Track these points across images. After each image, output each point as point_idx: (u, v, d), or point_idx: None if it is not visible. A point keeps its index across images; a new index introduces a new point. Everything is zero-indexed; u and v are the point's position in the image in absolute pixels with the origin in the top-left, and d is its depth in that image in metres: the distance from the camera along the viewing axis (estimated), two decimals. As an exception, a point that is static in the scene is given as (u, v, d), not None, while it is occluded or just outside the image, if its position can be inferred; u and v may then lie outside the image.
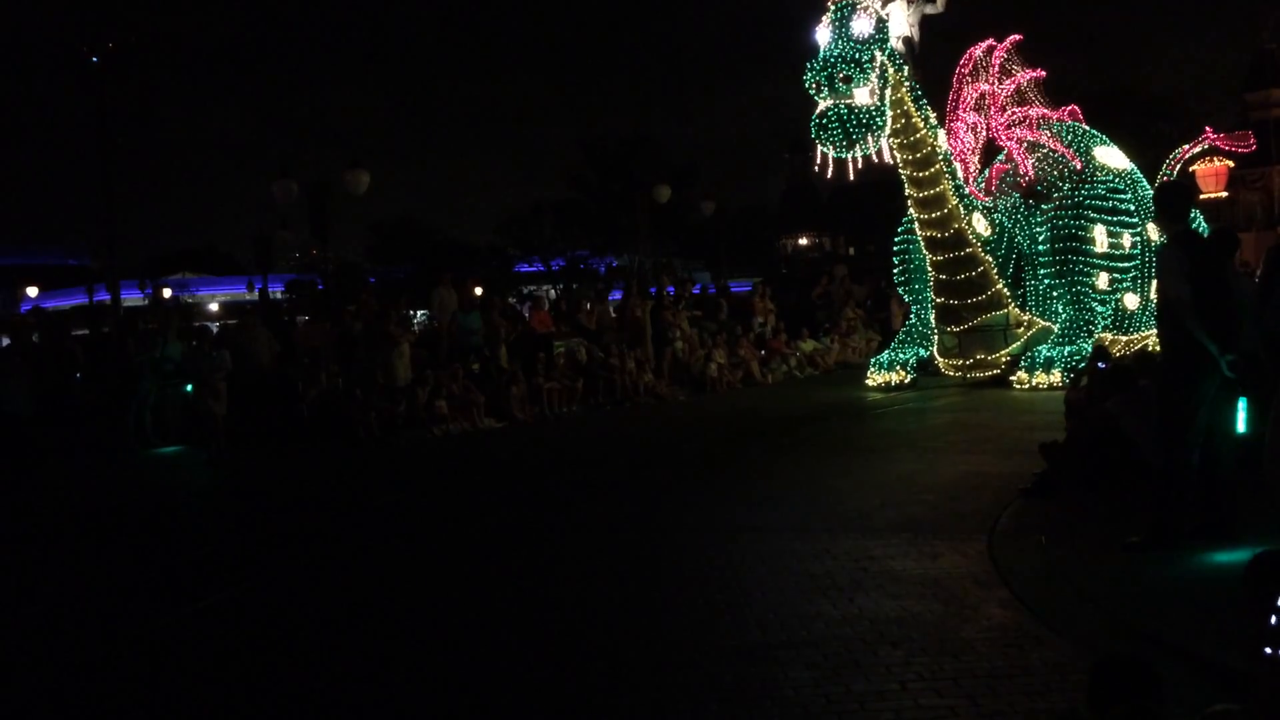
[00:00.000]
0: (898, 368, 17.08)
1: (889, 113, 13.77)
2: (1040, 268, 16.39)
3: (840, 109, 13.25)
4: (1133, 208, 16.84)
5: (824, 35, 13.80)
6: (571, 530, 8.71)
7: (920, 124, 14.67)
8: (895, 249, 17.54)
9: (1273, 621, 3.66)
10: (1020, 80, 16.59)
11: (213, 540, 9.33)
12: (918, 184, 15.12)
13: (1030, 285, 16.60)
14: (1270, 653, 3.38)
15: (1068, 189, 16.47)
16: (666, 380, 18.71)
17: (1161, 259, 6.84)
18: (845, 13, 13.68)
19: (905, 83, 14.35)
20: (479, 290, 22.63)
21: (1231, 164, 28.40)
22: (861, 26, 13.60)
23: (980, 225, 15.70)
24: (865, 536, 7.56)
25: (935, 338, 16.95)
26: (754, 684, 4.99)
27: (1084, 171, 16.64)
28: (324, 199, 23.78)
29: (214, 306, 45.61)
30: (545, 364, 17.00)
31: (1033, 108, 16.76)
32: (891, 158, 14.51)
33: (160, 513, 10.97)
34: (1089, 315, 16.12)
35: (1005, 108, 16.48)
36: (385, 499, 11.03)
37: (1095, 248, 16.17)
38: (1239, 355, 6.33)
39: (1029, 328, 16.52)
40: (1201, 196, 31.39)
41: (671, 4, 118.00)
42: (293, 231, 36.48)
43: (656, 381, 18.41)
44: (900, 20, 14.48)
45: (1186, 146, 18.70)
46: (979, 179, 16.68)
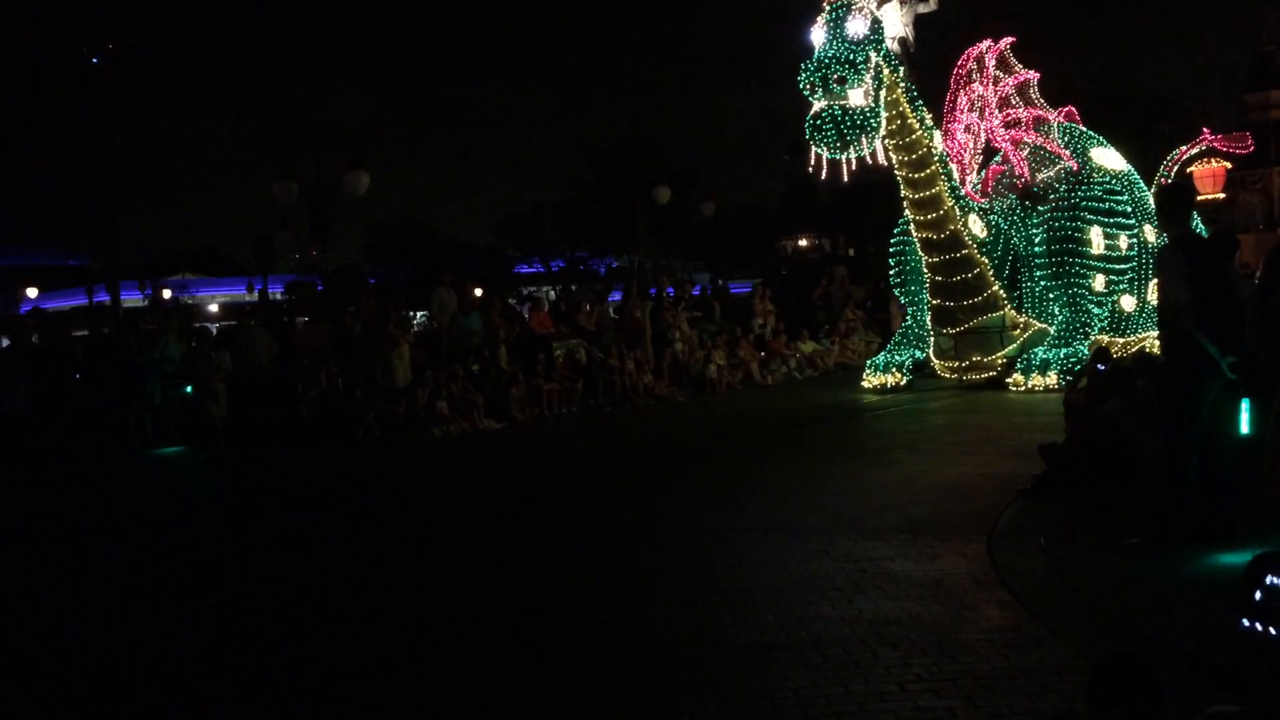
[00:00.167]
0: (893, 370, 17.03)
1: (884, 114, 13.72)
2: (1036, 269, 16.33)
3: (835, 110, 13.19)
4: (1129, 209, 16.77)
5: (818, 36, 13.73)
6: (571, 531, 8.71)
7: (916, 125, 14.61)
8: (891, 250, 17.46)
9: (1257, 597, 3.67)
10: (1015, 82, 16.54)
11: (212, 541, 9.32)
12: (913, 185, 15.07)
13: (1026, 287, 16.53)
14: (1246, 625, 3.40)
15: (1064, 190, 16.39)
16: (666, 381, 18.71)
17: (1161, 261, 6.84)
18: (840, 13, 13.62)
19: (900, 84, 14.29)
20: (479, 291, 22.65)
21: (1229, 165, 28.40)
22: (856, 27, 13.53)
23: (976, 227, 15.63)
24: (864, 538, 7.56)
25: (931, 340, 16.90)
26: (753, 685, 4.99)
27: (1080, 173, 16.56)
28: (324, 200, 23.76)
29: (214, 307, 45.63)
30: (545, 365, 17.00)
31: (1028, 109, 16.72)
32: (887, 159, 14.45)
33: (160, 514, 10.96)
34: (1085, 317, 16.05)
35: (1000, 109, 16.45)
36: (384, 500, 11.03)
37: (1091, 249, 16.09)
38: (1239, 357, 6.33)
39: (1025, 330, 16.44)
40: (1199, 198, 31.37)
41: (671, 5, 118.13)
42: (292, 232, 36.45)
43: (656, 382, 18.41)
44: (895, 21, 14.44)
45: (1184, 148, 18.69)
46: (975, 180, 16.66)
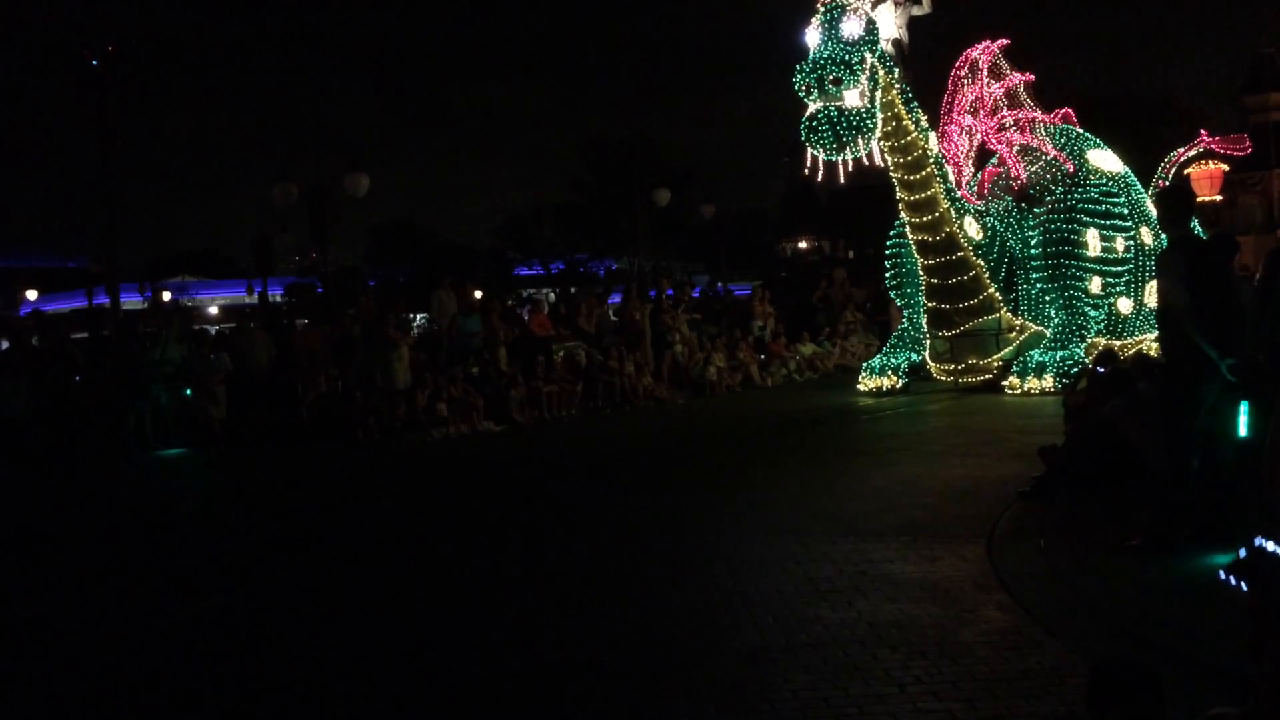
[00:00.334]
0: (889, 373, 17.00)
1: (879, 115, 13.69)
2: (1033, 272, 16.30)
3: (830, 111, 13.17)
4: (1126, 211, 16.75)
5: (813, 37, 13.71)
6: (570, 533, 8.70)
7: (911, 126, 14.57)
8: (887, 253, 17.42)
9: (1241, 554, 3.71)
10: (1010, 84, 16.49)
11: (212, 543, 9.31)
12: (909, 187, 15.04)
13: (1023, 289, 16.50)
14: (1222, 577, 3.40)
15: (1060, 193, 16.37)
16: (666, 383, 18.71)
17: (1161, 263, 6.83)
18: (835, 14, 13.59)
19: (896, 85, 14.25)
20: (478, 293, 22.66)
21: (1226, 167, 28.40)
22: (851, 28, 13.51)
23: (972, 229, 15.60)
24: (864, 540, 7.55)
25: (927, 342, 16.87)
26: (752, 687, 4.99)
27: (1076, 175, 16.54)
28: (323, 202, 23.77)
29: (213, 309, 45.63)
30: (545, 367, 17.00)
31: (1024, 110, 16.68)
32: (882, 160, 14.41)
33: (159, 516, 10.95)
34: (1081, 320, 16.04)
35: (996, 111, 16.40)
36: (384, 502, 11.03)
37: (1088, 252, 16.07)
38: (1239, 359, 6.32)
39: (1021, 332, 16.41)
40: (1196, 200, 31.31)
41: (671, 7, 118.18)
42: (292, 235, 36.46)
43: (656, 384, 18.41)
44: (889, 22, 14.39)
45: (1182, 149, 18.68)
46: (971, 182, 16.62)
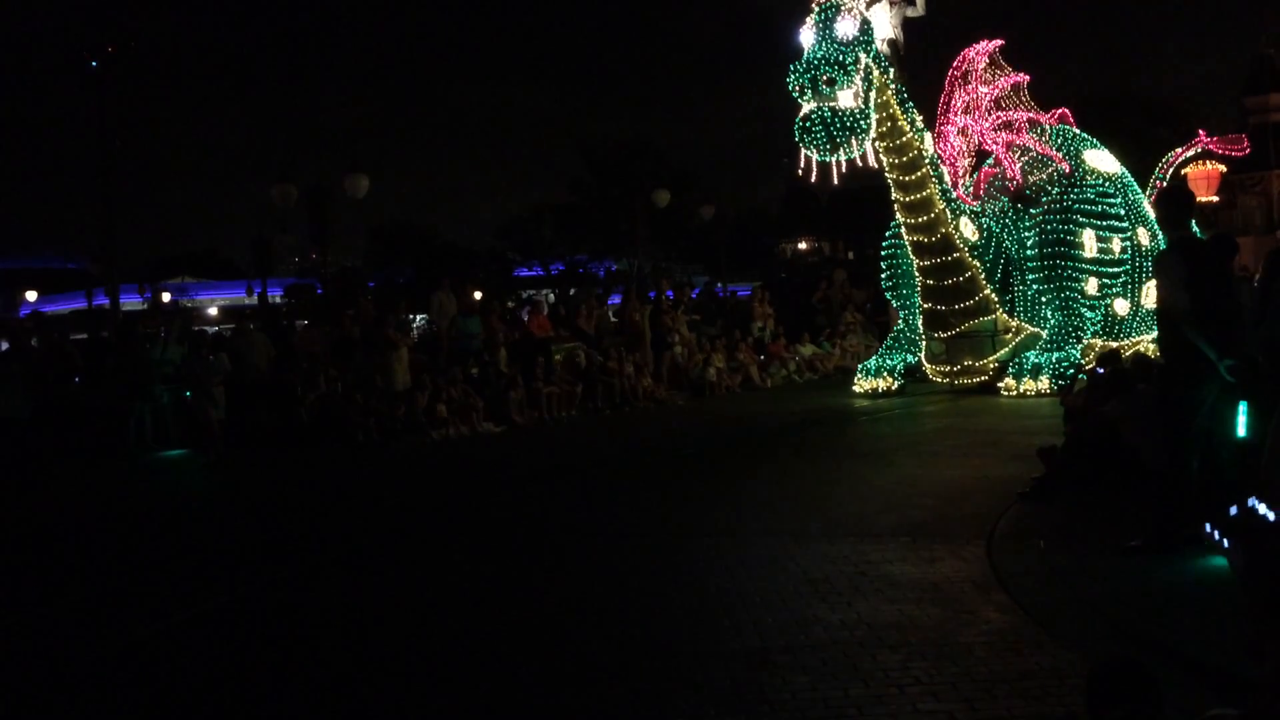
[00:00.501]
0: (884, 374, 16.97)
1: (874, 115, 13.64)
2: (1029, 273, 16.26)
3: (824, 112, 13.11)
4: (1122, 212, 16.70)
5: (808, 37, 13.66)
6: (569, 534, 8.70)
7: (906, 127, 14.52)
8: (883, 254, 17.38)
9: (1232, 511, 3.72)
10: (1004, 84, 16.46)
11: (211, 544, 9.30)
12: (904, 188, 14.98)
13: (1018, 290, 16.45)
14: (1208, 529, 3.41)
15: (1056, 193, 16.31)
16: (665, 384, 18.70)
17: (1160, 264, 6.83)
18: (829, 15, 13.54)
19: (890, 85, 14.21)
20: (478, 294, 22.66)
21: (1224, 168, 28.39)
22: (845, 29, 13.46)
23: (968, 230, 15.56)
24: (863, 541, 7.55)
25: (923, 343, 16.82)
26: (751, 688, 4.98)
27: (1073, 175, 16.48)
28: (323, 203, 23.81)
29: (213, 310, 45.67)
30: (544, 368, 16.99)
31: (1020, 111, 16.65)
32: (877, 161, 14.36)
33: (159, 517, 10.94)
34: (1078, 321, 15.99)
35: (991, 111, 16.37)
36: (383, 503, 11.02)
37: (1084, 252, 16.02)
38: (1237, 360, 6.33)
39: (1017, 334, 16.38)
40: (1197, 201, 31.26)
41: (671, 8, 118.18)
42: (292, 236, 36.51)
43: (655, 386, 18.41)
44: (884, 23, 14.37)
45: (1179, 150, 18.65)
46: (967, 183, 16.59)
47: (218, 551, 8.94)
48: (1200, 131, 19.15)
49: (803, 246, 71.04)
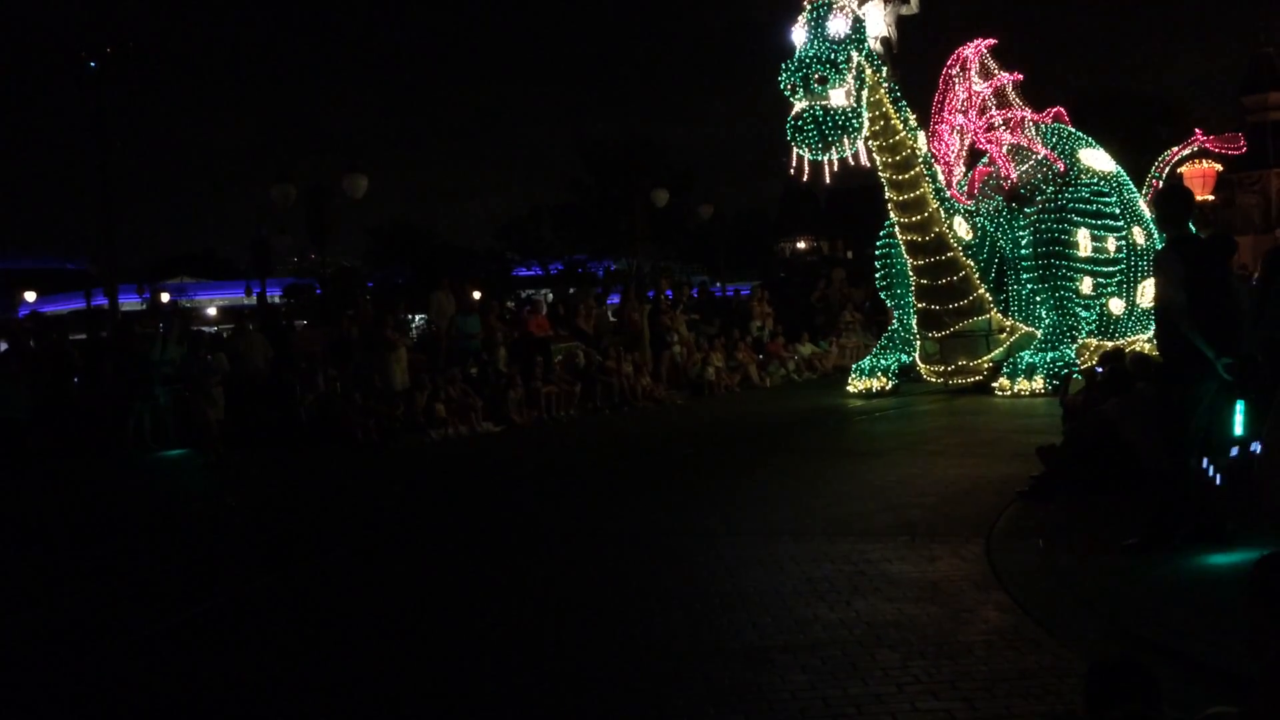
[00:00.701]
0: (879, 374, 16.94)
1: (866, 114, 13.55)
2: (1023, 272, 16.22)
3: (816, 110, 13.01)
4: (1118, 210, 16.65)
5: (800, 36, 13.57)
6: (568, 533, 8.70)
7: (899, 126, 14.45)
8: (877, 253, 17.35)
9: (1233, 452, 3.64)
10: (999, 83, 16.42)
11: (211, 544, 9.31)
12: (897, 187, 14.92)
13: (1013, 290, 16.41)
14: (1205, 464, 3.34)
15: (1051, 192, 16.26)
16: (664, 384, 18.71)
17: (1158, 263, 6.84)
18: (821, 13, 13.44)
19: (883, 84, 14.12)
20: (477, 294, 22.66)
21: (1220, 167, 28.40)
22: (838, 27, 13.36)
23: (962, 229, 15.51)
24: (862, 540, 7.56)
25: (917, 343, 16.78)
26: (750, 687, 4.99)
27: (1067, 174, 16.44)
28: (322, 203, 23.75)
29: (212, 311, 45.65)
30: (543, 368, 17.00)
31: (1014, 109, 16.62)
32: (870, 160, 14.29)
33: (158, 517, 10.94)
34: (1072, 320, 15.96)
35: (985, 110, 16.32)
36: (383, 503, 11.02)
37: (1079, 252, 15.97)
38: (1235, 358, 6.33)
39: (1011, 333, 16.34)
40: (1195, 200, 31.22)
41: (670, 8, 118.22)
42: (291, 236, 36.46)
43: (654, 385, 18.41)
44: (877, 20, 14.26)
45: (1175, 149, 18.63)
46: (962, 182, 16.56)
47: (217, 551, 8.94)
48: (1197, 130, 19.13)
49: (801, 246, 71.09)
